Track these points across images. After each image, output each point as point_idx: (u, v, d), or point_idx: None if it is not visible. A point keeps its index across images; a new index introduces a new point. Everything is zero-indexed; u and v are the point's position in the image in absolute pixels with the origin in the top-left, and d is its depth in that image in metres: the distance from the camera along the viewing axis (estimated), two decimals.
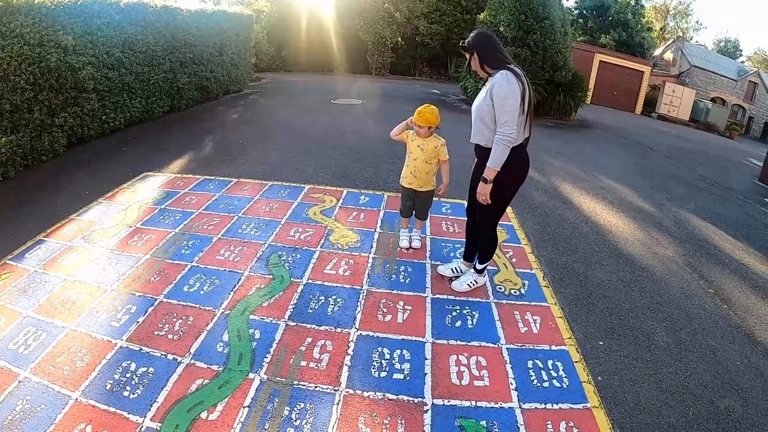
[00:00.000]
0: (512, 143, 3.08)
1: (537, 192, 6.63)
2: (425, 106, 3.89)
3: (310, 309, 3.43)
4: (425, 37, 25.77)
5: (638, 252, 5.07)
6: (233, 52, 12.77)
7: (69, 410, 2.49)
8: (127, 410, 2.51)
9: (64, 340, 3.03)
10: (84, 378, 2.71)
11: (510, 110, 3.02)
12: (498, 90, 3.04)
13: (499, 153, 3.10)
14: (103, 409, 2.51)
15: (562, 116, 14.58)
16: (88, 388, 2.64)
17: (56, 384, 2.67)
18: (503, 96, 3.02)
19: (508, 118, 3.03)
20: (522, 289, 3.94)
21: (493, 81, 3.11)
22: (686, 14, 48.84)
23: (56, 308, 3.35)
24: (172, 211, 5.03)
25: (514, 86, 3.02)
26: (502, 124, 3.04)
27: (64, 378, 2.71)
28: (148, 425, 2.42)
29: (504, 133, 3.05)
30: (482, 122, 3.22)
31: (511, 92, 3.02)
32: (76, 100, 7.00)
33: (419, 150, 4.04)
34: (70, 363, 2.83)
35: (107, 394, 2.61)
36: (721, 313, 4.10)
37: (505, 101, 3.02)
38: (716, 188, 8.98)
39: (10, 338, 3.05)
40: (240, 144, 7.88)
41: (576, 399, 2.81)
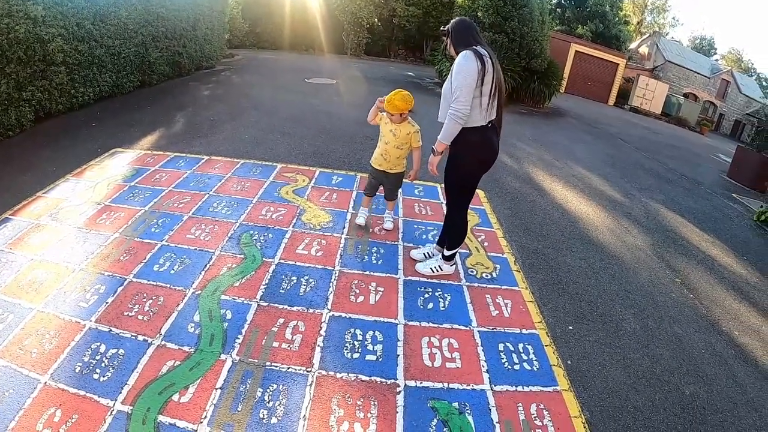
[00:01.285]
0: (462, 119, 3.13)
1: (510, 177, 6.68)
2: (395, 93, 3.81)
3: (282, 289, 3.40)
4: (402, 19, 25.54)
5: (608, 240, 5.17)
6: (207, 27, 12.48)
7: (38, 394, 2.42)
8: (98, 393, 2.45)
9: (32, 321, 2.93)
10: (53, 361, 2.64)
11: (462, 86, 3.06)
12: (456, 68, 3.11)
13: (448, 127, 3.17)
14: (73, 393, 2.44)
15: (535, 104, 14.71)
16: (57, 371, 2.57)
17: (24, 367, 2.59)
18: (456, 72, 3.09)
19: (459, 94, 3.07)
20: (493, 272, 3.99)
21: (455, 61, 3.17)
22: (664, 10, 49.59)
23: (23, 289, 3.24)
24: (142, 188, 4.91)
25: (470, 64, 3.06)
26: (455, 99, 3.10)
27: (32, 361, 2.63)
28: (119, 408, 2.37)
29: (454, 107, 3.10)
30: (445, 101, 3.27)
31: (465, 69, 3.06)
32: (44, 73, 6.75)
33: (392, 135, 4.01)
34: (39, 345, 2.74)
35: (77, 377, 2.54)
36: (688, 302, 4.23)
37: (458, 76, 3.08)
38: (685, 181, 9.19)
39: None
40: (212, 121, 7.73)
41: (546, 382, 2.87)
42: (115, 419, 2.32)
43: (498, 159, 7.08)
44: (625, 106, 26.43)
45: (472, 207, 5.03)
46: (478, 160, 3.38)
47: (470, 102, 3.10)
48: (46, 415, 2.31)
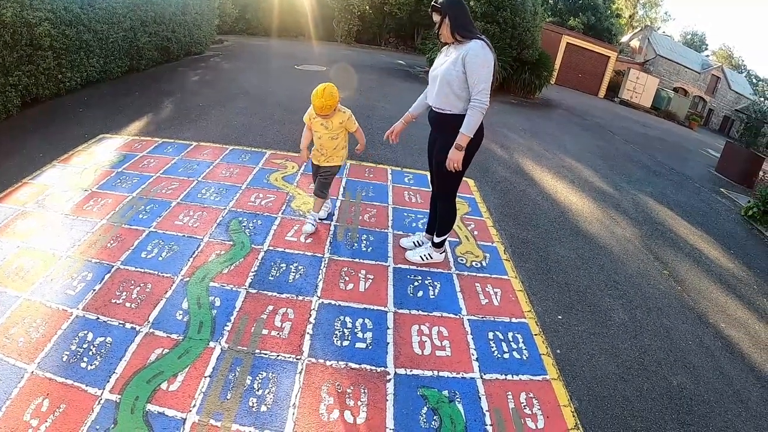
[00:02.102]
0: (485, 110, 3.10)
1: (500, 167, 6.68)
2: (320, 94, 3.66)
3: (271, 276, 3.39)
4: (393, 6, 25.35)
5: (597, 231, 5.19)
6: (196, 12, 12.30)
7: (25, 384, 2.40)
8: (85, 382, 2.43)
9: (18, 310, 2.89)
10: (40, 350, 2.61)
11: (486, 79, 3.04)
12: (474, 59, 3.04)
13: (475, 120, 3.10)
14: (60, 382, 2.42)
15: (526, 94, 14.71)
16: (44, 360, 2.54)
17: (11, 357, 2.55)
18: (480, 64, 3.03)
19: (485, 86, 3.05)
20: (483, 261, 3.99)
21: (467, 48, 3.08)
22: (656, 4, 49.60)
23: (9, 277, 3.19)
24: (130, 174, 4.85)
25: (490, 56, 3.05)
26: (479, 92, 3.06)
27: (18, 350, 2.60)
28: (107, 397, 2.35)
29: (480, 100, 3.06)
30: (449, 88, 3.19)
31: (488, 61, 3.04)
32: (31, 57, 6.62)
33: (323, 128, 3.89)
34: (25, 334, 2.71)
35: (64, 366, 2.52)
36: (675, 294, 4.26)
37: (481, 69, 3.03)
38: (674, 175, 9.25)
39: None
40: (200, 107, 7.65)
41: (535, 371, 2.88)
42: (104, 408, 2.30)
43: (488, 148, 7.18)
44: (615, 99, 26.52)
45: (462, 196, 5.09)
46: (475, 146, 3.36)
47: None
48: (34, 405, 2.29)
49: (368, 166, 5.77)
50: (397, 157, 6.20)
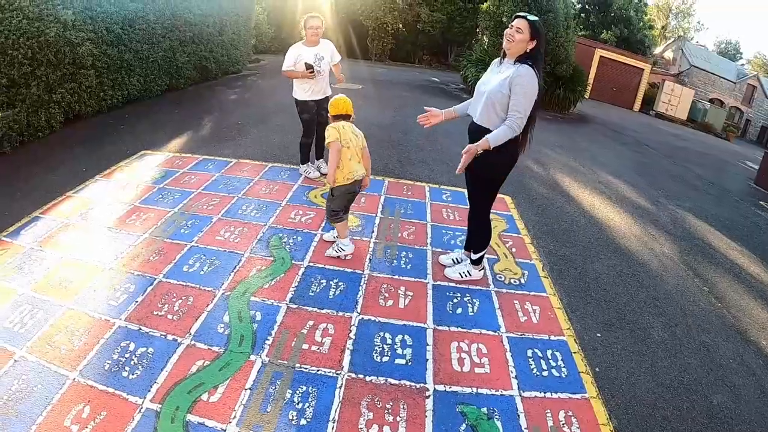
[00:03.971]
0: (516, 134, 3.12)
1: (536, 184, 6.63)
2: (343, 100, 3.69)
3: (311, 292, 3.42)
4: (426, 24, 25.61)
5: (635, 247, 5.10)
6: (233, 33, 12.63)
7: (66, 390, 2.45)
8: (127, 391, 2.47)
9: (62, 318, 2.98)
10: (82, 358, 2.67)
11: (527, 106, 3.07)
12: (521, 83, 3.04)
13: (502, 136, 3.11)
14: (101, 390, 2.47)
15: (561, 109, 14.60)
16: (86, 368, 2.60)
17: (53, 363, 2.62)
18: (524, 91, 3.05)
19: (524, 112, 3.07)
20: (522, 278, 3.95)
21: (518, 71, 3.07)
22: (688, 14, 48.81)
23: (53, 286, 3.29)
24: (171, 190, 4.98)
25: (536, 86, 3.07)
26: (517, 115, 3.07)
27: (61, 357, 2.67)
28: (147, 406, 2.39)
29: (516, 123, 3.08)
30: (492, 107, 3.19)
31: (533, 91, 3.07)
32: (74, 76, 6.89)
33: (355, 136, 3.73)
34: (68, 342, 2.78)
35: (106, 375, 2.57)
36: (716, 311, 4.14)
37: (525, 96, 3.05)
38: (712, 188, 9.03)
39: (4, 316, 2.99)
40: (239, 125, 7.81)
41: (574, 389, 2.83)
42: (144, 417, 2.34)
43: (525, 165, 7.16)
44: (650, 112, 26.10)
45: (500, 213, 5.08)
46: (508, 165, 3.38)
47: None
48: (75, 411, 2.34)
49: (406, 183, 5.80)
50: (434, 174, 6.22)
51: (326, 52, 5.28)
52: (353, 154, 3.66)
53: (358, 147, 3.71)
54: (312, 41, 5.22)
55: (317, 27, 5.16)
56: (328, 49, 5.32)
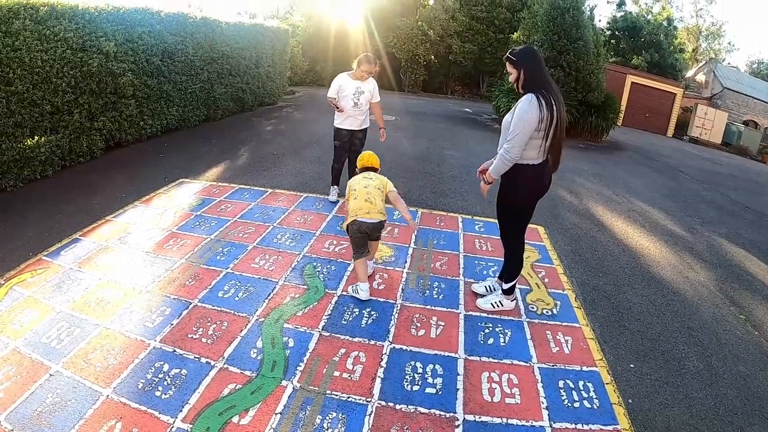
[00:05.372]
0: (512, 161, 3.20)
1: (569, 213, 6.59)
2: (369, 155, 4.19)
3: (344, 320, 3.46)
4: (458, 55, 25.91)
5: (670, 276, 5.01)
6: (269, 65, 12.99)
7: (99, 406, 2.54)
8: (159, 410, 2.54)
9: (98, 337, 3.10)
10: (116, 375, 2.77)
11: (520, 132, 3.11)
12: (518, 110, 3.15)
13: (498, 166, 3.26)
14: (134, 408, 2.54)
15: (593, 138, 14.48)
16: (119, 386, 2.69)
17: (88, 380, 2.72)
18: (519, 117, 3.13)
19: (514, 138, 3.13)
20: (554, 309, 3.93)
21: (520, 100, 3.20)
22: (718, 35, 48.02)
23: (90, 306, 3.43)
24: (208, 217, 5.13)
25: (533, 112, 3.09)
26: (508, 141, 3.16)
27: (95, 374, 2.77)
28: (179, 426, 2.45)
29: (507, 149, 3.17)
30: (503, 136, 3.33)
31: (529, 117, 3.09)
32: (115, 105, 7.21)
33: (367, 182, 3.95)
34: (103, 360, 2.88)
35: (139, 393, 2.65)
36: (753, 339, 4.03)
37: (518, 121, 3.12)
38: (748, 213, 8.80)
39: (42, 332, 3.14)
40: (274, 155, 8.00)
41: (606, 420, 2.79)
42: None
43: (557, 194, 7.13)
44: (684, 137, 25.64)
45: (532, 243, 5.06)
46: (529, 193, 3.43)
47: (523, 147, 3.16)
48: (106, 427, 2.42)
49: (439, 214, 5.84)
50: (467, 205, 6.26)
51: (367, 87, 5.55)
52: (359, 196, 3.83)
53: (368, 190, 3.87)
54: (359, 77, 5.50)
55: (368, 71, 5.47)
56: (370, 86, 5.59)
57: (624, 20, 35.60)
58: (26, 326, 3.20)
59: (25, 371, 2.78)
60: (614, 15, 36.65)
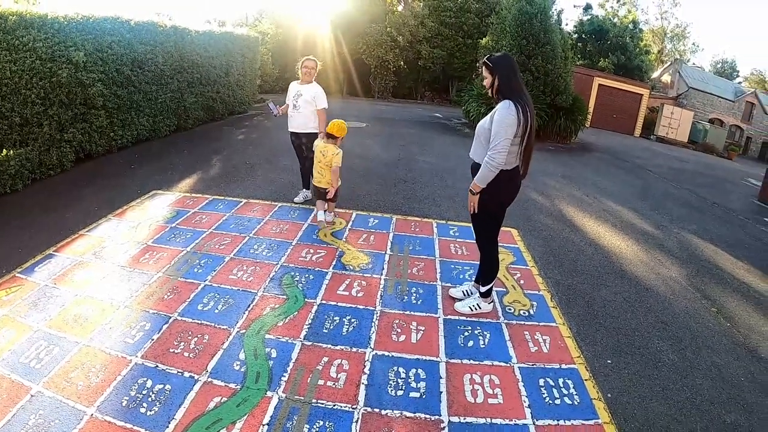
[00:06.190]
0: (498, 168, 3.25)
1: (542, 215, 6.71)
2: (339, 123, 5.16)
3: (325, 329, 3.47)
4: (427, 61, 26.14)
5: (642, 273, 5.14)
6: (239, 74, 12.93)
7: (84, 426, 2.49)
8: (145, 427, 2.51)
9: (78, 355, 3.04)
10: (99, 394, 2.72)
11: (502, 138, 3.18)
12: (498, 117, 3.22)
13: (484, 174, 3.29)
14: (119, 426, 2.51)
15: (562, 140, 14.77)
16: (103, 404, 2.65)
17: (70, 399, 2.67)
18: (499, 124, 3.19)
19: (497, 144, 3.19)
20: (531, 309, 4.00)
21: (497, 107, 3.28)
22: (683, 36, 49.36)
23: (68, 323, 3.37)
24: (183, 229, 5.08)
25: (512, 117, 3.17)
26: (492, 148, 3.21)
27: (78, 393, 2.72)
28: None
29: (492, 156, 3.22)
30: (479, 142, 3.42)
31: (509, 123, 3.17)
32: (85, 116, 7.09)
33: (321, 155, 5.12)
34: (84, 378, 2.83)
35: (123, 411, 2.61)
36: (725, 331, 4.17)
37: (500, 128, 3.18)
38: (716, 209, 9.08)
39: (21, 352, 3.06)
40: (247, 164, 7.96)
41: (587, 415, 2.87)
42: None
43: (529, 197, 7.26)
44: (651, 137, 26.26)
45: (507, 246, 5.14)
46: (502, 197, 3.51)
47: (506, 152, 3.22)
48: None
49: (414, 220, 5.89)
50: (441, 210, 6.31)
51: (308, 92, 5.65)
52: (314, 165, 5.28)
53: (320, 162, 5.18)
54: (303, 80, 5.69)
55: (309, 67, 5.66)
56: (312, 91, 5.66)
57: (591, 24, 36.38)
58: (4, 346, 3.12)
59: (5, 393, 2.72)
60: (581, 19, 37.45)
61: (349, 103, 20.70)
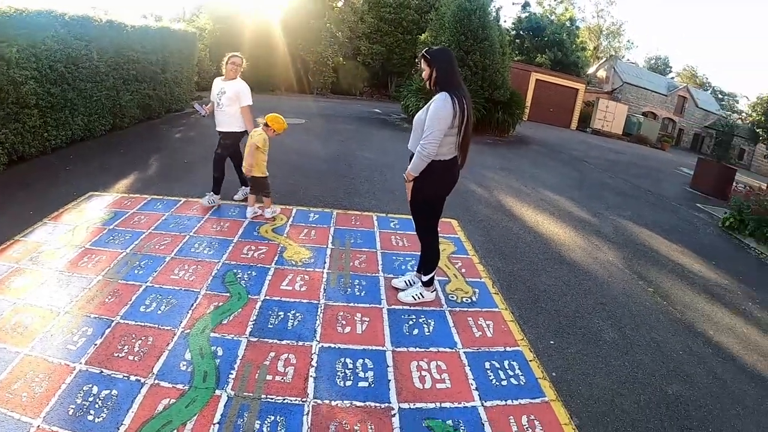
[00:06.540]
0: (429, 157, 3.35)
1: (481, 206, 6.89)
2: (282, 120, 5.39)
3: (270, 324, 3.47)
4: (366, 57, 26.20)
5: (580, 258, 5.37)
6: (176, 70, 12.55)
7: None
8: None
9: (19, 365, 2.92)
10: (44, 404, 2.63)
11: (435, 129, 3.28)
12: (433, 108, 3.31)
13: (416, 163, 3.40)
14: None
15: (500, 133, 15.13)
16: (49, 414, 2.56)
17: (15, 412, 2.57)
18: (434, 115, 3.29)
19: (430, 135, 3.29)
20: (473, 296, 4.13)
21: (433, 99, 3.37)
22: (618, 34, 51.42)
23: (7, 332, 3.21)
24: (122, 231, 4.93)
25: (448, 109, 3.27)
26: (425, 138, 3.31)
27: (23, 405, 2.61)
28: None
29: (423, 146, 3.32)
30: (415, 133, 3.50)
31: (444, 114, 3.27)
32: (17, 115, 6.72)
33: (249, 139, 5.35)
34: (28, 389, 2.73)
35: (71, 420, 2.54)
36: (662, 308, 4.45)
37: (434, 119, 3.28)
38: (650, 196, 9.56)
39: None
40: (185, 163, 7.78)
41: (534, 394, 3.01)
42: None
43: (468, 188, 7.42)
44: (587, 130, 27.27)
45: (447, 236, 5.25)
46: (440, 187, 3.60)
47: (439, 143, 3.31)
48: None
49: (354, 214, 5.92)
50: (381, 203, 6.38)
51: (231, 88, 5.51)
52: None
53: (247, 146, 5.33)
54: (228, 76, 5.57)
55: (236, 64, 5.57)
56: (235, 88, 5.53)
57: (528, 21, 37.37)
58: None
59: None
60: (519, 16, 38.45)
61: (288, 100, 20.50)
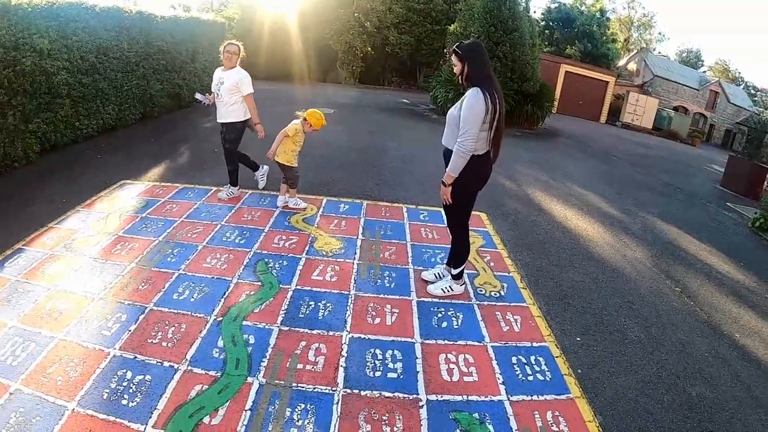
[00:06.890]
0: (468, 154, 3.32)
1: (510, 199, 6.85)
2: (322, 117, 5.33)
3: (301, 314, 3.51)
4: (395, 47, 26.06)
5: (608, 255, 5.31)
6: (205, 60, 12.66)
7: (66, 421, 2.47)
8: (128, 418, 2.51)
9: (54, 350, 2.99)
10: (79, 388, 2.69)
11: (471, 125, 3.25)
12: (466, 104, 3.29)
13: (456, 162, 3.37)
14: (102, 419, 2.49)
15: (530, 125, 14.98)
16: (84, 398, 2.62)
17: (50, 395, 2.63)
18: (467, 112, 3.26)
19: (466, 131, 3.27)
20: (501, 291, 4.12)
21: (466, 94, 3.35)
22: (650, 26, 50.37)
23: (43, 318, 3.30)
24: (154, 219, 5.02)
25: (481, 105, 3.24)
26: (462, 135, 3.29)
27: (58, 388, 2.68)
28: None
29: (462, 143, 3.29)
30: (451, 129, 3.48)
31: (477, 111, 3.24)
32: (49, 105, 6.86)
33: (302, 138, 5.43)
34: (63, 373, 2.79)
35: (105, 403, 2.60)
36: (689, 309, 4.37)
37: (468, 116, 3.25)
38: (680, 193, 9.39)
39: None
40: (215, 152, 7.83)
41: (559, 390, 3.00)
42: None
43: (497, 182, 7.38)
44: (617, 123, 26.84)
45: (476, 229, 5.23)
46: (473, 182, 3.58)
47: (476, 139, 3.29)
48: None
49: (384, 205, 5.94)
50: (410, 195, 6.38)
51: (230, 78, 5.45)
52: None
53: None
54: (226, 65, 5.50)
55: (232, 52, 5.46)
56: (235, 77, 5.46)
57: (558, 11, 36.81)
58: None
59: None
60: (549, 6, 37.91)
61: (316, 90, 20.54)
